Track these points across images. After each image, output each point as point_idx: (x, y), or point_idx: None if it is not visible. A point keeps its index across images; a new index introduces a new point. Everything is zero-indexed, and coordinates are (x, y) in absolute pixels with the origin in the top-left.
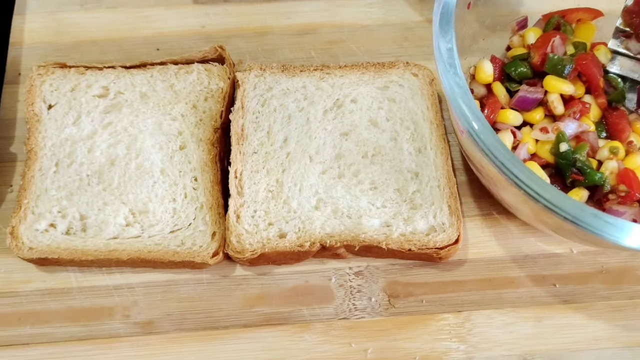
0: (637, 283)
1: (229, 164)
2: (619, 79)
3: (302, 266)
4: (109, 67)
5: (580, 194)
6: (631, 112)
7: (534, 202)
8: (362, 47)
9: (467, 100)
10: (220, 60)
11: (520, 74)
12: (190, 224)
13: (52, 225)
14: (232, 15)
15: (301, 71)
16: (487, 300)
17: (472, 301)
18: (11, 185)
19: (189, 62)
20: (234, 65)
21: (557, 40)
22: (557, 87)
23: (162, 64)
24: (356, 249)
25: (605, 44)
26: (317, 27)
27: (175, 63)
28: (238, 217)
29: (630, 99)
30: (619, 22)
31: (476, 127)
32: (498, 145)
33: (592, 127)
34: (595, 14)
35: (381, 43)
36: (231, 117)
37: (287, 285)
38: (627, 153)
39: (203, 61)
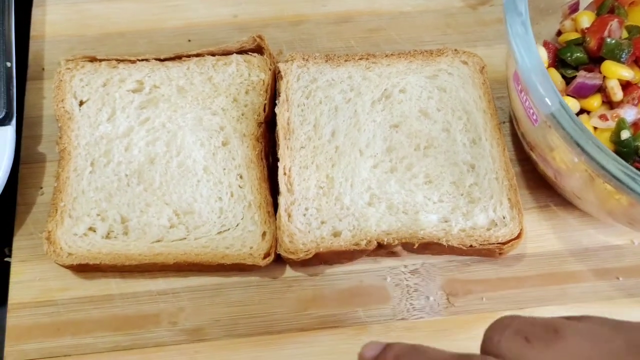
0: None
1: (274, 160)
2: None
3: (355, 266)
4: (142, 60)
5: None
6: None
7: (627, 193)
8: (403, 34)
9: (546, 81)
10: (259, 50)
11: (577, 59)
12: (238, 224)
13: (91, 229)
14: (266, 3)
15: (346, 61)
16: (550, 296)
17: (534, 297)
18: (41, 187)
19: (226, 54)
20: (272, 56)
21: (614, 24)
22: (616, 72)
23: (198, 55)
24: (415, 247)
25: None
26: (356, 15)
27: (212, 54)
28: (289, 215)
29: None
30: None
31: (558, 109)
32: (584, 131)
33: None
34: None
35: (423, 30)
36: (276, 110)
37: (341, 286)
38: None
39: (240, 52)
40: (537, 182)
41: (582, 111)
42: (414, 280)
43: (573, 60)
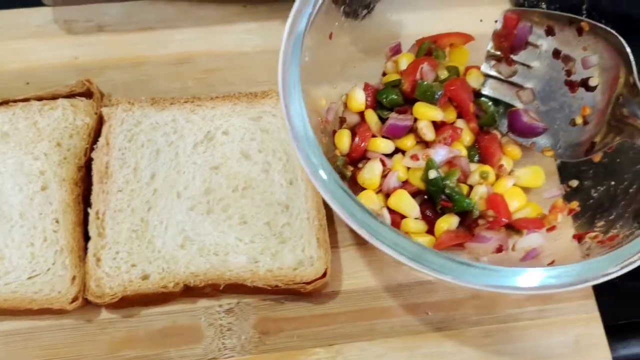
0: (508, 307)
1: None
2: (490, 103)
3: (171, 306)
4: None
5: (450, 221)
6: (503, 135)
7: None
8: (239, 75)
9: (309, 146)
10: (89, 94)
11: (391, 101)
12: (49, 269)
13: None
14: (107, 45)
15: (171, 104)
16: (359, 332)
17: (344, 334)
18: None
19: (55, 97)
20: (102, 99)
21: (425, 66)
22: (426, 113)
23: (25, 100)
24: (221, 288)
25: (479, 68)
26: (195, 55)
27: (40, 99)
28: (98, 259)
29: (504, 122)
30: (489, 46)
31: (314, 177)
32: (339, 197)
33: (464, 152)
34: (467, 38)
35: (259, 70)
36: (93, 155)
37: (154, 327)
38: (498, 177)
39: (70, 96)
40: None
41: (397, 150)
42: (228, 320)
43: (388, 102)
